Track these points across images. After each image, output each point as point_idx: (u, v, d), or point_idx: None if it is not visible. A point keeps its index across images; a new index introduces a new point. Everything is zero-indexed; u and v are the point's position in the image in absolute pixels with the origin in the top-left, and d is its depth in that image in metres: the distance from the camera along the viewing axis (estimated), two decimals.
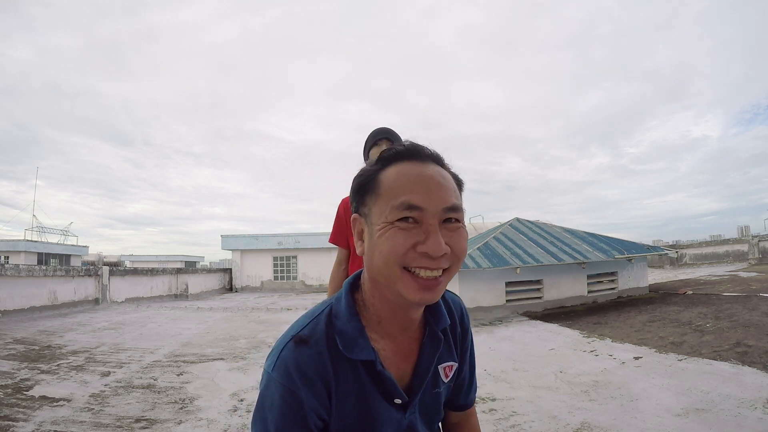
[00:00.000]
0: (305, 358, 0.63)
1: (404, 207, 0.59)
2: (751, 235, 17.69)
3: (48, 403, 3.26)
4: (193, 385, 3.80)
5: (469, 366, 0.85)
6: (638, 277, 8.77)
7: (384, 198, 0.62)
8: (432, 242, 0.59)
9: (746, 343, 4.13)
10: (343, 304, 0.69)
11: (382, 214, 0.61)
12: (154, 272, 14.18)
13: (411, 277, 0.60)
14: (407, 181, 0.61)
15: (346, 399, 0.66)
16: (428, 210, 0.60)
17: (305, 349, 0.64)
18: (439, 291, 0.62)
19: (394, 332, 0.70)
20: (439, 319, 0.73)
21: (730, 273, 11.35)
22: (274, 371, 0.64)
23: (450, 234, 0.61)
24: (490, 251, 8.05)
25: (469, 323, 0.84)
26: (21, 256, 23.35)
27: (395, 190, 0.61)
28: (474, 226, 18.96)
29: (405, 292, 0.60)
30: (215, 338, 6.35)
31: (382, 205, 0.62)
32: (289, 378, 0.62)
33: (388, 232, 0.60)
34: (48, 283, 9.52)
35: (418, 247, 0.59)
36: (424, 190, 0.60)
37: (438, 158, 0.66)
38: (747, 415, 2.57)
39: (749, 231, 24.75)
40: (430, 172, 0.63)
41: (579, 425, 2.65)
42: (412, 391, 0.71)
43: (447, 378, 0.76)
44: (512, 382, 3.65)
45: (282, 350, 0.65)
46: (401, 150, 0.65)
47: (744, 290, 7.70)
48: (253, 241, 19.78)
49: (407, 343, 0.71)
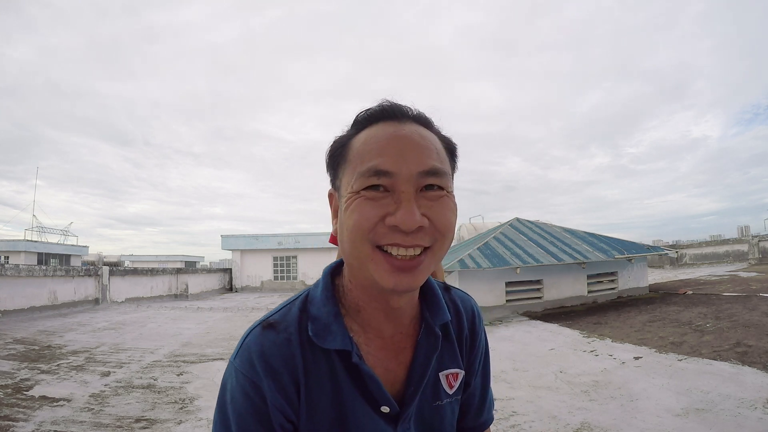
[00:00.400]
0: (270, 345, 0.54)
1: (371, 173, 0.49)
2: (751, 235, 17.70)
3: (48, 403, 3.26)
4: (193, 385, 3.80)
5: (482, 378, 0.71)
6: (638, 277, 8.77)
7: (352, 164, 0.52)
8: (403, 213, 0.48)
9: (746, 343, 4.13)
10: (320, 287, 0.60)
11: (348, 184, 0.52)
12: (154, 272, 14.18)
13: (383, 257, 0.50)
14: (376, 143, 0.51)
15: (318, 398, 0.55)
16: (400, 175, 0.49)
17: (272, 335, 0.55)
18: (420, 274, 0.51)
19: (379, 324, 0.58)
20: (437, 313, 0.61)
21: (730, 273, 11.35)
22: (237, 359, 0.55)
23: (430, 204, 0.51)
24: (490, 251, 8.05)
25: (482, 326, 0.70)
26: (21, 256, 23.34)
27: (363, 155, 0.51)
28: (474, 226, 18.96)
29: (377, 275, 0.50)
30: (215, 338, 6.35)
31: (350, 173, 0.52)
32: (252, 368, 0.53)
33: (353, 204, 0.50)
34: (48, 283, 9.52)
35: (387, 219, 0.49)
36: (396, 153, 0.50)
37: (420, 118, 0.55)
38: (747, 415, 2.57)
39: (749, 231, 24.73)
40: (406, 132, 0.52)
41: (579, 425, 2.65)
42: (405, 399, 0.58)
43: (452, 389, 0.63)
44: (512, 382, 3.65)
45: (247, 336, 0.56)
46: (376, 110, 0.55)
47: (744, 290, 7.70)
48: (253, 241, 19.78)
49: (398, 340, 0.60)
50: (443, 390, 0.62)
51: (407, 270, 0.50)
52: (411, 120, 0.54)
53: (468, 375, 0.67)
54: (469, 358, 0.67)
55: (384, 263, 0.50)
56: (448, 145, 0.57)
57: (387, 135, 0.52)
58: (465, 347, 0.67)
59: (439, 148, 0.54)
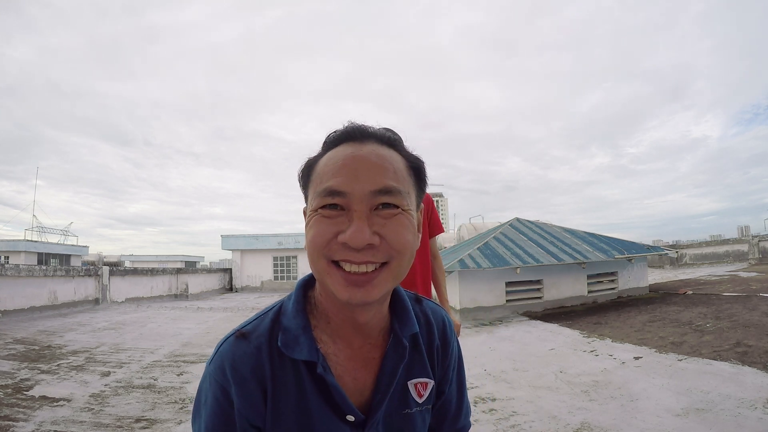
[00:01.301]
0: (241, 354, 0.58)
1: (326, 193, 0.53)
2: (751, 235, 17.69)
3: (48, 403, 3.26)
4: (193, 385, 3.80)
5: (457, 386, 0.73)
6: (638, 277, 8.77)
7: (314, 185, 0.56)
8: (352, 231, 0.51)
9: (746, 343, 4.13)
10: (293, 299, 0.63)
11: (311, 202, 0.56)
12: (154, 272, 14.18)
13: (337, 271, 0.53)
14: (334, 165, 0.54)
15: (284, 408, 0.58)
16: (353, 194, 0.52)
17: (243, 344, 0.58)
18: (374, 289, 0.53)
19: (348, 335, 0.61)
20: (405, 324, 0.63)
21: (730, 273, 11.35)
22: (211, 365, 0.59)
23: (383, 222, 0.53)
24: (490, 251, 8.05)
25: (453, 336, 0.73)
26: (21, 256, 23.35)
27: (322, 176, 0.55)
28: (474, 226, 18.98)
29: (333, 287, 0.53)
30: (215, 338, 6.35)
31: (312, 192, 0.56)
32: (222, 374, 0.57)
33: (312, 221, 0.55)
34: (48, 283, 9.52)
35: (339, 236, 0.52)
36: (349, 173, 0.53)
37: (383, 137, 0.58)
38: (747, 415, 2.57)
39: (749, 231, 24.75)
40: (363, 152, 0.55)
41: (579, 425, 2.65)
42: (372, 407, 0.60)
43: (421, 398, 0.65)
44: (512, 382, 3.65)
45: (222, 344, 0.60)
46: (341, 132, 0.58)
47: (744, 290, 7.70)
48: (253, 241, 19.78)
49: (367, 351, 0.62)
50: (412, 399, 0.64)
51: (360, 285, 0.52)
52: (373, 140, 0.57)
53: (442, 384, 0.70)
54: (442, 367, 0.70)
55: (338, 277, 0.53)
56: (412, 164, 0.59)
57: (344, 156, 0.55)
58: (437, 357, 0.69)
59: (397, 168, 0.56)
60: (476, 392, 3.42)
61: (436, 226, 2.02)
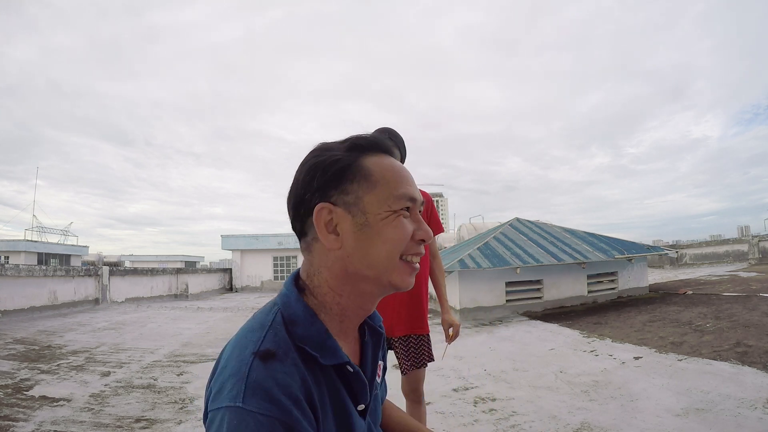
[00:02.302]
0: (283, 375, 0.51)
1: (407, 198, 0.62)
2: (751, 235, 17.69)
3: (48, 403, 3.26)
4: (193, 385, 3.79)
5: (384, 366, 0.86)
6: (638, 277, 8.76)
7: (382, 186, 0.61)
8: (426, 228, 0.64)
9: (746, 343, 4.13)
10: (299, 307, 0.60)
11: (384, 203, 0.60)
12: (154, 272, 14.17)
13: (405, 264, 0.62)
14: (400, 173, 0.63)
15: (328, 415, 0.57)
16: (419, 202, 0.64)
17: (277, 364, 0.52)
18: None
19: (351, 330, 0.68)
20: (374, 316, 0.73)
21: (730, 273, 11.35)
22: (248, 402, 0.48)
23: None
24: (490, 251, 8.05)
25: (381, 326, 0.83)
26: (21, 256, 23.35)
27: (394, 181, 0.62)
28: (474, 226, 18.98)
29: (399, 279, 0.61)
30: (215, 338, 6.35)
31: (382, 193, 0.61)
32: (278, 404, 0.48)
33: (396, 221, 0.61)
34: (48, 283, 9.51)
35: (416, 233, 0.62)
36: (411, 182, 0.65)
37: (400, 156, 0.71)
38: (747, 415, 2.57)
39: (749, 231, 24.76)
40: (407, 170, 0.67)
41: (579, 425, 2.65)
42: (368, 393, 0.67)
43: (380, 378, 0.74)
44: (512, 382, 3.65)
45: (249, 372, 0.50)
46: (378, 141, 0.65)
47: (744, 290, 7.70)
48: (253, 241, 19.78)
49: (353, 343, 0.69)
50: (376, 380, 0.72)
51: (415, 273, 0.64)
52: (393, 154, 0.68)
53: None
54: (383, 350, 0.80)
55: (407, 268, 0.62)
56: None
57: (401, 168, 0.65)
58: (382, 342, 0.78)
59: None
60: (476, 392, 3.42)
61: (435, 225, 2.02)
